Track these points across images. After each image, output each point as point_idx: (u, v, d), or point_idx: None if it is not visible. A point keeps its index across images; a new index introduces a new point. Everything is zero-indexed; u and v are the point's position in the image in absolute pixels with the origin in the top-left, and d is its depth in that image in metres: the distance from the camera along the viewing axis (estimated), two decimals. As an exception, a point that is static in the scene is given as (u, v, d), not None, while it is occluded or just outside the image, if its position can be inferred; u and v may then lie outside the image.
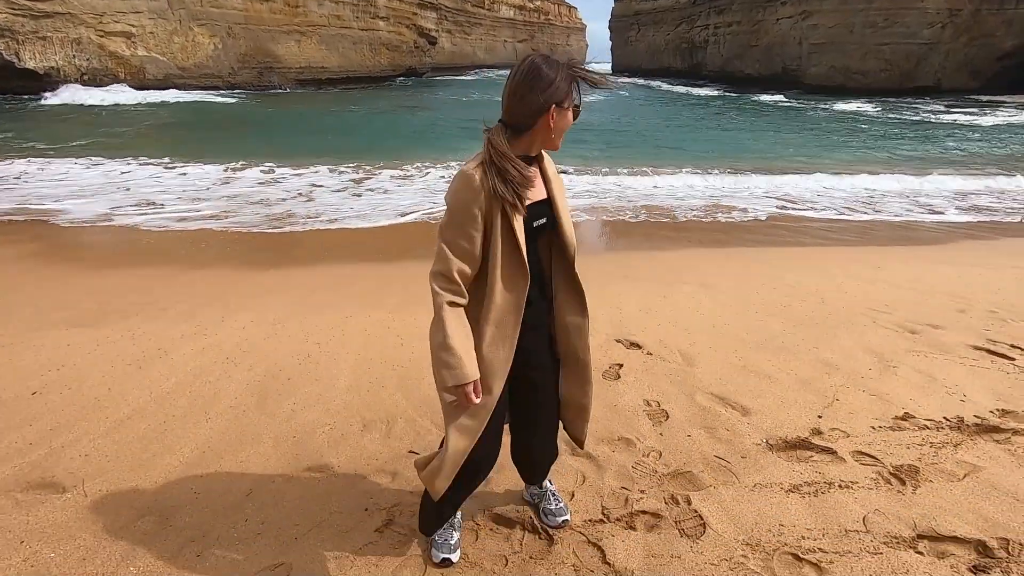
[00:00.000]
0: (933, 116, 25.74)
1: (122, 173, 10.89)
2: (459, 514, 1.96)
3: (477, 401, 1.60)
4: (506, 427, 1.89)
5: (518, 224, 1.57)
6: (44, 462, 2.46)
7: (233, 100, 28.45)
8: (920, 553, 1.87)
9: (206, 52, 33.43)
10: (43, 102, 25.24)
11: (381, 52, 44.10)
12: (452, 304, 1.57)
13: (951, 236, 7.91)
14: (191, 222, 7.86)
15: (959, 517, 2.03)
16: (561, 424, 1.98)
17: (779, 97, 33.78)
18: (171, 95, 29.48)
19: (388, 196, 9.52)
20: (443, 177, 11.00)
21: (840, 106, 28.90)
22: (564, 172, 11.45)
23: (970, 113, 26.47)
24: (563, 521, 2.03)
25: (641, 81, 55.59)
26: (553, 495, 2.10)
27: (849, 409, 2.82)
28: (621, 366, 3.39)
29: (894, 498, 2.13)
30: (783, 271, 5.71)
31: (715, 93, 38.60)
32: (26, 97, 26.47)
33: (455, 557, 1.87)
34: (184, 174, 10.80)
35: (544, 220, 1.68)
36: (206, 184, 10.02)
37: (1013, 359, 3.40)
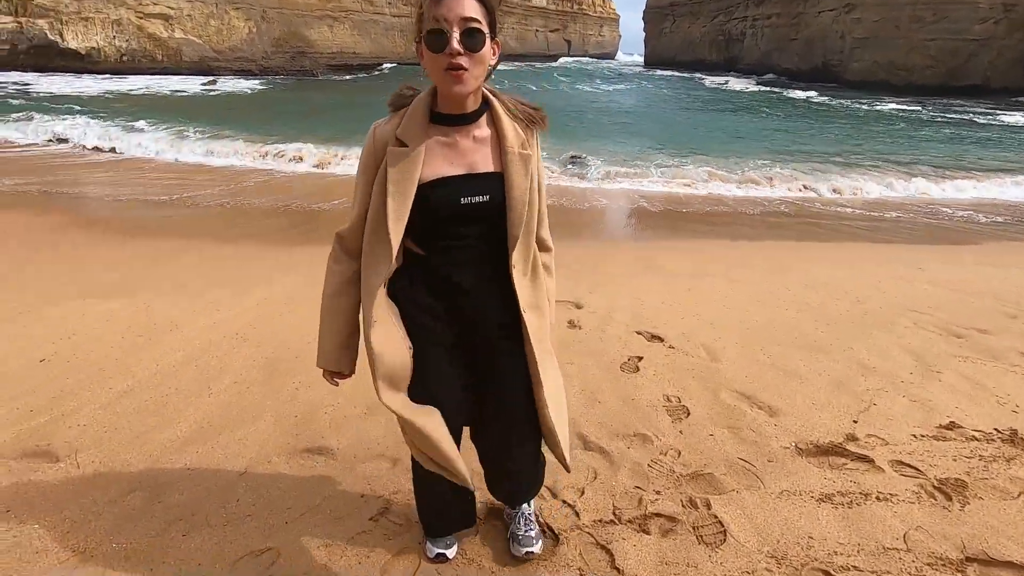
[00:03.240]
0: (982, 119, 24.49)
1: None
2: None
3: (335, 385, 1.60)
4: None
5: (395, 186, 1.33)
6: (43, 429, 2.41)
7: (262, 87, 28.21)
8: (969, 578, 1.68)
9: (241, 36, 33.87)
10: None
11: (412, 39, 44.10)
12: (332, 272, 1.49)
13: (985, 237, 7.50)
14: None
15: (1014, 540, 1.82)
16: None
17: (824, 98, 31.73)
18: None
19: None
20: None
21: (885, 106, 27.59)
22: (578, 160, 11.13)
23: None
24: (527, 553, 1.71)
25: (678, 73, 54.44)
26: (525, 519, 1.77)
27: (887, 415, 2.61)
28: (641, 358, 3.22)
29: (939, 515, 1.93)
30: (814, 266, 5.45)
31: (754, 88, 37.52)
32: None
33: (451, 553, 1.73)
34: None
35: (485, 198, 1.37)
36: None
37: (1072, 369, 3.13)
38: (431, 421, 1.44)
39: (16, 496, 1.99)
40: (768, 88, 37.06)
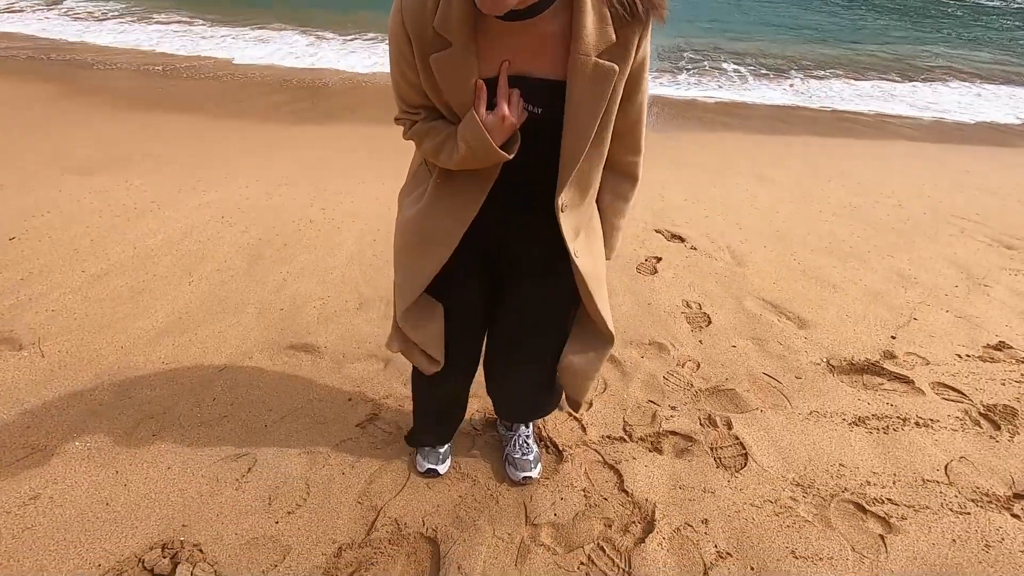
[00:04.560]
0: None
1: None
2: (454, 419, 1.65)
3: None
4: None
5: (453, 100, 0.99)
6: (7, 314, 2.22)
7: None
8: (1017, 517, 1.52)
9: None
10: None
11: None
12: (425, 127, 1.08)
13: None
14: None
15: (1070, 477, 1.65)
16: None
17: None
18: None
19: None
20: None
21: None
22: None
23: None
24: (524, 478, 1.56)
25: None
26: (522, 441, 1.61)
27: (929, 331, 2.37)
28: (659, 259, 2.95)
29: (985, 445, 1.75)
30: (853, 167, 5.00)
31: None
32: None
33: (443, 469, 1.58)
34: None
35: (537, 110, 1.00)
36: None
37: None
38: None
39: (-26, 386, 1.83)
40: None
